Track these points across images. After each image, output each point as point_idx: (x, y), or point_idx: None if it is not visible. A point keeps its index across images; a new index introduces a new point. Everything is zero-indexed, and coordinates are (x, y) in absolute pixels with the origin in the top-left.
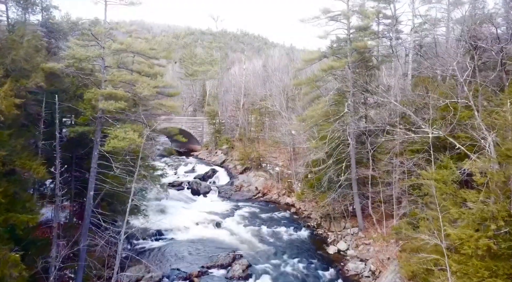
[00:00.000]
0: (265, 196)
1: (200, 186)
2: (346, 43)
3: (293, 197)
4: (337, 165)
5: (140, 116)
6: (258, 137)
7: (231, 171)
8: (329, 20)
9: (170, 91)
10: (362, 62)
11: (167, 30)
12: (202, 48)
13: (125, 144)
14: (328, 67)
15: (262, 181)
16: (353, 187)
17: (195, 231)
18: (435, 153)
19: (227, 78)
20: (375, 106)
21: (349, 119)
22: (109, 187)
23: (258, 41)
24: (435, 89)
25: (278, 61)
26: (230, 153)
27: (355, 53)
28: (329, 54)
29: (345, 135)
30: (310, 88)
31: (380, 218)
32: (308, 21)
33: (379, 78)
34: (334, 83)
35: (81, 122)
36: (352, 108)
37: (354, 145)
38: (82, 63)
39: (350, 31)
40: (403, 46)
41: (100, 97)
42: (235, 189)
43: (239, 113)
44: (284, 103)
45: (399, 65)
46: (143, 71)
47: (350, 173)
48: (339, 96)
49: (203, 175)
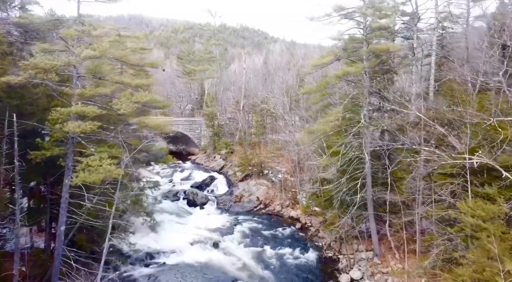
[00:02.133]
0: (267, 208)
1: (197, 196)
2: (362, 44)
3: (297, 209)
4: (351, 182)
5: (119, 139)
6: (259, 142)
7: (230, 178)
8: (341, 18)
9: (159, 103)
10: (379, 65)
11: (166, 24)
12: (201, 44)
13: (98, 177)
14: (343, 73)
15: (263, 190)
16: (368, 207)
17: (190, 253)
18: (472, 178)
19: (226, 75)
20: (394, 116)
21: (365, 131)
22: (84, 220)
23: (258, 36)
24: (470, 101)
25: (280, 59)
26: (229, 158)
27: (372, 56)
28: (343, 57)
29: (360, 149)
30: (320, 96)
31: (399, 243)
32: (318, 19)
33: (396, 82)
34: (347, 89)
35: (49, 145)
36: (368, 119)
37: (370, 161)
38: (47, 74)
39: (367, 31)
40: (423, 47)
41: (72, 116)
42: (235, 199)
43: (239, 115)
44: (287, 105)
45: (419, 69)
46: (123, 83)
47: (366, 192)
48: (353, 105)
49: (200, 182)
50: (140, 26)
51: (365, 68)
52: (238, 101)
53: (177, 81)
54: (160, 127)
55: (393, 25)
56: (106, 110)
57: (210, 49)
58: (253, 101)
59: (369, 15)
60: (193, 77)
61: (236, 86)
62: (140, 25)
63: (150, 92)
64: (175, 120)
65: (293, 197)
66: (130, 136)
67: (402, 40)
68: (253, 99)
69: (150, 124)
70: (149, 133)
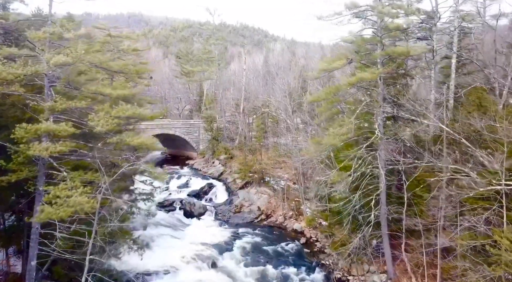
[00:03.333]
0: (269, 219)
1: (194, 206)
2: (376, 46)
3: (301, 221)
4: (363, 198)
5: (96, 161)
6: (260, 148)
7: (229, 186)
8: (353, 17)
9: (145, 116)
10: (396, 70)
11: (165, 22)
12: (200, 43)
13: (66, 213)
14: (357, 80)
15: (265, 199)
16: (382, 226)
17: (185, 274)
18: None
19: (226, 75)
20: (411, 127)
21: (380, 144)
22: (58, 253)
23: (258, 34)
24: (502, 114)
25: (281, 59)
26: (228, 164)
27: (387, 60)
28: (355, 60)
29: (374, 163)
30: (329, 104)
31: (416, 267)
32: (327, 18)
33: (411, 88)
34: (358, 95)
35: (16, 166)
36: (383, 130)
37: (385, 176)
38: (10, 86)
39: (381, 32)
40: (441, 49)
41: (41, 134)
42: (235, 209)
43: (239, 118)
44: (290, 109)
45: (437, 73)
46: (102, 93)
47: (379, 209)
48: (365, 113)
49: (198, 190)
50: (139, 24)
51: (381, 74)
52: (238, 104)
53: (175, 81)
54: (145, 145)
55: (412, 25)
56: (81, 128)
57: (209, 49)
58: (254, 104)
59: (385, 13)
60: (191, 79)
61: (235, 88)
62: (139, 24)
63: (134, 105)
64: (172, 123)
65: (296, 207)
66: (111, 156)
67: (415, 41)
68: (253, 102)
69: (133, 143)
70: (131, 155)
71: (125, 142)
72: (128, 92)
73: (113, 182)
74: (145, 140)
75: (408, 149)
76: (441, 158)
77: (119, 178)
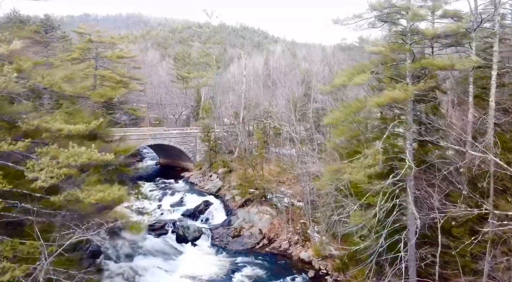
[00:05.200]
0: (271, 244)
1: (188, 230)
2: (406, 56)
3: (309, 248)
4: (388, 237)
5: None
6: (262, 162)
7: (228, 204)
8: (377, 21)
9: (109, 158)
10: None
11: (164, 23)
12: (199, 43)
13: None
14: (387, 100)
15: (267, 220)
16: (410, 273)
17: None
18: None
19: (225, 78)
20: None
21: (410, 176)
22: None
23: (258, 35)
24: None
25: (283, 62)
26: (227, 178)
27: (417, 73)
28: (381, 73)
29: (402, 196)
30: (348, 126)
31: None
32: (344, 22)
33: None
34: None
35: None
36: (412, 156)
37: (414, 212)
38: None
39: (410, 39)
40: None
41: None
42: (233, 232)
43: (238, 128)
44: (294, 119)
45: (471, 89)
46: (48, 130)
47: (407, 251)
48: (390, 135)
49: (193, 209)
50: (138, 25)
51: (415, 91)
52: (238, 112)
53: (172, 86)
54: (115, 200)
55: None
56: (14, 184)
57: (207, 52)
58: (254, 113)
59: (421, 16)
60: (187, 85)
61: (235, 94)
62: (138, 25)
63: (98, 142)
64: (166, 133)
65: (303, 230)
66: (59, 220)
67: (441, 48)
68: (253, 111)
69: (90, 200)
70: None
71: (78, 198)
72: (82, 128)
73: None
74: (113, 192)
75: (442, 177)
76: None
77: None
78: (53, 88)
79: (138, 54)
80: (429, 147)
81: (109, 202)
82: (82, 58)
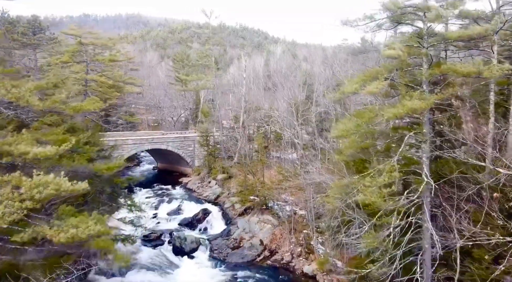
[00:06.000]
0: (273, 256)
1: (185, 241)
2: (422, 60)
3: (312, 261)
4: (402, 258)
5: None
6: (263, 168)
7: (227, 212)
8: (390, 22)
9: (82, 187)
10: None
11: (164, 24)
12: (199, 44)
13: None
14: (406, 111)
15: (268, 230)
16: None
17: None
18: None
19: (225, 79)
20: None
21: (426, 193)
22: None
23: (258, 36)
24: None
25: (284, 64)
26: (226, 185)
27: (435, 80)
28: (397, 80)
29: (418, 214)
30: (360, 138)
31: None
32: (354, 23)
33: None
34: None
35: None
36: (429, 170)
37: (433, 232)
38: None
39: (428, 42)
40: None
41: None
42: (233, 243)
43: (238, 133)
44: (297, 124)
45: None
46: (7, 153)
47: (422, 273)
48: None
49: (191, 218)
50: (137, 26)
51: (435, 100)
52: (238, 116)
53: (171, 87)
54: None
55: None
56: None
57: (206, 53)
58: (254, 116)
59: (444, 17)
60: (186, 88)
61: (234, 97)
62: (137, 25)
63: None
64: (163, 137)
65: (306, 241)
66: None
67: (455, 51)
68: (254, 115)
69: (62, 240)
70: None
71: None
72: (56, 151)
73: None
74: (88, 228)
75: (461, 193)
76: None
77: None
78: (19, 102)
79: (137, 55)
80: (446, 159)
81: (84, 239)
82: (72, 61)
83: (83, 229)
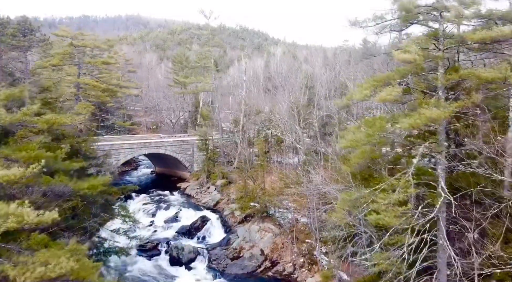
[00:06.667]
0: (274, 267)
1: (183, 251)
2: (437, 65)
3: (315, 273)
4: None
5: None
6: (263, 174)
7: (227, 219)
8: (403, 22)
9: (51, 216)
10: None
11: (164, 25)
12: (198, 45)
13: None
14: (425, 122)
15: (269, 239)
16: None
17: None
18: None
19: (225, 80)
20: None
21: (442, 208)
22: None
23: (258, 37)
24: None
25: (285, 66)
26: (226, 191)
27: (452, 85)
28: (414, 87)
29: (432, 230)
30: (370, 150)
31: None
32: (363, 24)
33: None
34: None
35: None
36: (444, 183)
37: (451, 252)
38: None
39: (444, 45)
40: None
41: None
42: (232, 253)
43: (238, 137)
44: (299, 129)
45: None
46: None
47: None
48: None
49: (189, 226)
50: (137, 27)
51: (455, 109)
52: (237, 119)
53: (170, 90)
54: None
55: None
56: None
57: (206, 55)
58: (254, 120)
59: (465, 17)
60: (185, 91)
61: (234, 99)
62: (137, 26)
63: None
64: (162, 141)
65: (308, 251)
66: None
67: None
68: (254, 118)
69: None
70: None
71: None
72: (22, 174)
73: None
74: (59, 265)
75: (479, 209)
76: None
77: None
78: None
79: (136, 56)
80: (462, 171)
81: (55, 278)
82: (63, 64)
83: (53, 266)
